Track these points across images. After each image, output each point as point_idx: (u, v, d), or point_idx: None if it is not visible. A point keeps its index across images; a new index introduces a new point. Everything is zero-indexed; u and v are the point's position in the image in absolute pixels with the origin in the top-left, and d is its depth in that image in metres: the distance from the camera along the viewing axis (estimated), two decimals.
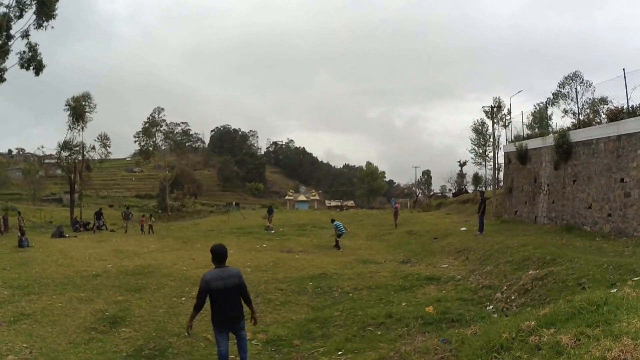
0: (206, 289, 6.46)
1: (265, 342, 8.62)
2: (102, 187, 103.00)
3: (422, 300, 9.42)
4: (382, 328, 7.61)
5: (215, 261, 6.73)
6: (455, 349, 4.45)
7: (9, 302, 12.58)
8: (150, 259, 19.97)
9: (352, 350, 6.49)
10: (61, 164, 48.20)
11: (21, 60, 34.15)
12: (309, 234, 31.16)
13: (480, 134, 60.59)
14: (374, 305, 9.63)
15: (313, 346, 7.70)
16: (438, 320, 7.25)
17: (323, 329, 8.75)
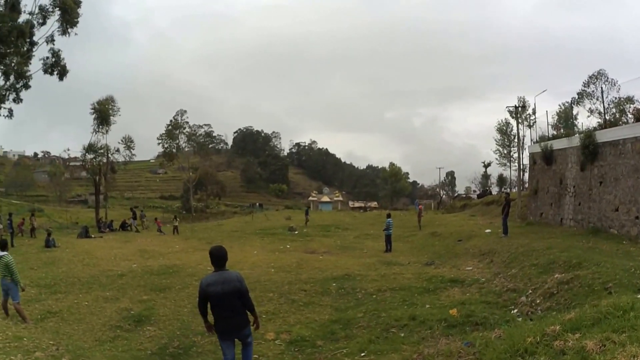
0: (204, 294, 6.24)
1: (289, 343, 8.64)
2: (127, 189, 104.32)
3: (446, 302, 9.35)
4: (406, 330, 7.58)
5: (214, 264, 6.38)
6: (479, 352, 4.43)
7: (36, 301, 12.87)
8: (174, 259, 20.24)
9: (375, 352, 6.47)
10: (86, 166, 48.97)
11: (45, 66, 34.99)
12: (333, 235, 31.17)
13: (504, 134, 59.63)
14: (398, 307, 9.60)
15: (336, 347, 7.71)
16: (462, 323, 7.17)
17: (346, 330, 8.74)
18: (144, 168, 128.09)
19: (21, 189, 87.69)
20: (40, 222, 34.41)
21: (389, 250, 21.39)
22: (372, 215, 53.92)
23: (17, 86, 33.69)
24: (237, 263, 18.02)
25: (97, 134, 46.00)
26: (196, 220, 58.46)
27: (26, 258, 20.23)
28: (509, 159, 58.80)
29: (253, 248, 24.25)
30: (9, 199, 67.26)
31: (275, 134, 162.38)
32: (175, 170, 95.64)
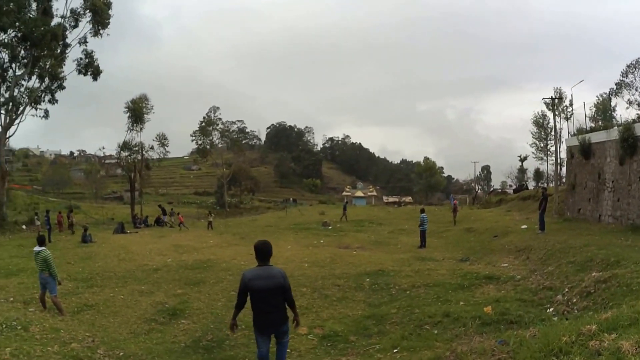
0: (245, 288, 6.17)
1: (322, 337, 8.67)
2: (162, 185, 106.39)
3: (481, 299, 9.23)
4: (439, 327, 7.54)
5: (259, 259, 6.33)
6: (512, 350, 4.39)
7: (73, 294, 13.24)
8: (209, 254, 20.54)
9: (407, 349, 6.44)
10: (121, 163, 50.30)
11: (79, 67, 36.02)
12: (367, 230, 31.10)
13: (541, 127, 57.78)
14: (431, 303, 9.53)
15: (368, 343, 7.69)
16: (496, 321, 7.06)
17: (379, 326, 8.73)
18: (178, 165, 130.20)
19: (58, 186, 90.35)
20: (77, 218, 35.43)
21: (423, 246, 21.23)
22: (406, 210, 53.65)
23: (52, 87, 34.74)
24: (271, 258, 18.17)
25: (131, 132, 47.10)
26: (230, 216, 59.10)
27: (63, 253, 20.87)
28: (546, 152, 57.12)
29: (287, 243, 24.38)
30: (46, 196, 69.43)
31: (308, 128, 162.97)
32: (209, 166, 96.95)
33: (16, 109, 34.04)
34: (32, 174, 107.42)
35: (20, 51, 33.57)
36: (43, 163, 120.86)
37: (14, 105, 33.78)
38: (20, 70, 34.12)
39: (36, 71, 34.40)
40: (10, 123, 33.86)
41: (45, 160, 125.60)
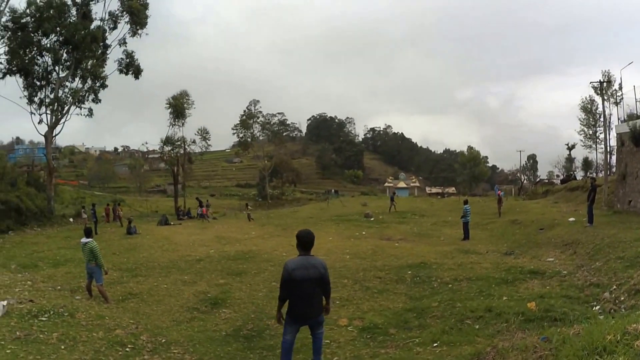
0: (289, 278, 6.16)
1: (361, 329, 8.67)
2: (204, 178, 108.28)
3: (524, 295, 9.01)
4: (481, 322, 7.42)
5: (301, 248, 6.33)
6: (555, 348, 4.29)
7: (118, 283, 13.67)
8: (251, 245, 20.82)
9: (447, 343, 6.37)
10: (164, 157, 51.49)
11: (120, 67, 37.09)
12: (409, 222, 30.86)
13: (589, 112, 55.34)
14: (474, 297, 9.39)
15: (408, 336, 7.65)
16: (540, 317, 6.85)
17: (420, 319, 8.66)
18: (220, 158, 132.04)
19: (103, 181, 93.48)
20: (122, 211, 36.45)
21: (467, 238, 20.95)
22: (449, 202, 52.91)
23: (95, 87, 35.90)
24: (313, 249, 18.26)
25: (173, 127, 48.24)
26: (272, 208, 59.70)
27: (109, 244, 21.56)
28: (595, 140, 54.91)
29: (328, 234, 24.45)
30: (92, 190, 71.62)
31: (349, 119, 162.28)
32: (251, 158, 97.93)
33: (61, 108, 35.35)
34: (78, 170, 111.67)
35: (62, 54, 34.87)
36: (88, 159, 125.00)
37: (59, 105, 35.07)
38: (64, 72, 35.41)
39: (79, 72, 35.65)
40: (56, 122, 35.20)
41: (91, 157, 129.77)
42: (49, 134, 35.13)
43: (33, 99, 34.78)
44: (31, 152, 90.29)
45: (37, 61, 34.46)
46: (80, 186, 78.89)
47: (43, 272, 15.42)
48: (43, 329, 8.43)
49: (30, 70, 33.74)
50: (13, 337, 7.83)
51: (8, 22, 31.89)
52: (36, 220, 29.10)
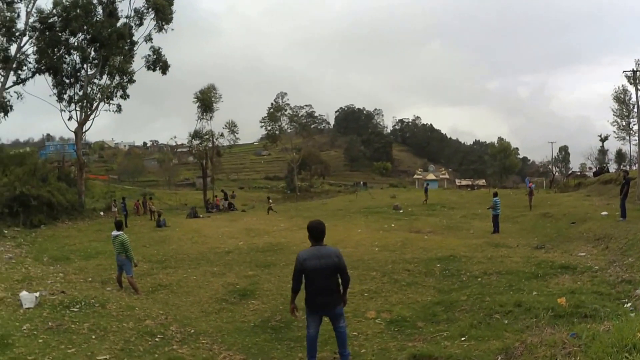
0: (301, 268, 6.21)
1: (389, 322, 8.67)
2: (232, 171, 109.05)
3: (555, 290, 8.88)
4: (510, 317, 7.34)
5: (312, 239, 6.35)
6: (584, 344, 4.27)
7: (148, 275, 13.95)
8: (279, 237, 20.96)
9: (475, 337, 6.32)
10: (193, 151, 52.19)
11: (147, 63, 37.84)
12: (438, 214, 30.65)
13: (622, 103, 53.71)
14: (503, 292, 9.30)
15: (436, 329, 7.63)
16: (570, 313, 6.72)
17: (448, 313, 8.62)
18: (248, 150, 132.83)
19: (133, 175, 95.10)
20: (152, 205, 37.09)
21: (497, 232, 20.72)
22: (479, 194, 52.36)
23: (123, 83, 36.57)
24: (341, 241, 18.30)
25: (201, 120, 48.77)
26: (300, 200, 59.93)
27: (139, 237, 21.96)
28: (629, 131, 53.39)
29: (357, 227, 24.48)
30: (122, 185, 72.96)
31: (377, 111, 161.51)
32: (279, 151, 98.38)
33: (90, 105, 36.09)
34: (108, 165, 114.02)
35: (90, 52, 35.50)
36: (118, 154, 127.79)
37: (88, 102, 35.81)
38: (92, 70, 36.13)
39: (106, 69, 36.35)
40: (85, 119, 35.96)
41: (120, 152, 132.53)
42: (79, 130, 35.95)
43: (62, 96, 35.60)
44: (62, 148, 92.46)
45: (65, 60, 35.19)
46: (110, 180, 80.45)
47: (75, 265, 15.84)
48: (74, 320, 8.65)
49: (59, 69, 34.44)
50: (45, 327, 8.06)
51: (35, 23, 32.59)
52: (67, 214, 29.74)
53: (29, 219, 25.65)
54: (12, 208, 25.20)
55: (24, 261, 16.09)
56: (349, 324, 8.56)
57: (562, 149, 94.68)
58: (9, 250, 18.24)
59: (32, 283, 11.63)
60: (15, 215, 25.21)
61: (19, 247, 19.59)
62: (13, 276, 12.45)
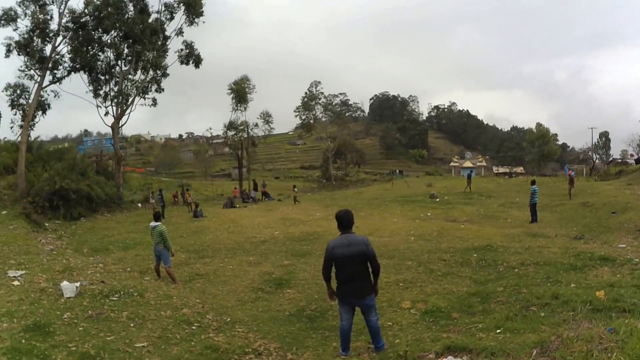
0: (330, 256, 6.39)
1: (424, 312, 8.68)
2: (268, 161, 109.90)
3: (593, 283, 8.69)
4: (546, 309, 7.22)
5: (341, 227, 6.53)
6: (621, 340, 4.22)
7: (185, 264, 14.30)
8: (315, 227, 21.02)
9: (511, 330, 6.30)
10: (228, 142, 52.87)
11: (180, 57, 38.47)
12: (475, 203, 30.17)
13: None
14: (540, 283, 9.15)
15: (472, 321, 7.58)
16: (608, 307, 6.52)
17: (484, 304, 8.56)
18: (283, 140, 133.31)
19: (169, 167, 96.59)
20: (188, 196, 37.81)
21: (535, 221, 20.36)
22: (517, 182, 51.27)
23: (157, 77, 37.33)
24: (377, 230, 18.33)
25: (236, 111, 49.26)
26: (336, 189, 59.95)
27: (176, 227, 22.39)
28: None
29: (393, 215, 24.36)
30: (158, 177, 74.59)
31: (412, 97, 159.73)
32: (314, 140, 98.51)
33: (126, 100, 37.15)
34: (145, 157, 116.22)
35: (123, 49, 36.44)
36: (154, 147, 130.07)
37: (123, 97, 36.85)
38: (126, 66, 37.05)
39: (140, 65, 37.21)
40: (121, 113, 36.96)
41: (156, 144, 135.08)
42: (115, 124, 36.93)
43: (98, 92, 36.78)
44: (99, 142, 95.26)
45: (99, 57, 36.32)
46: (147, 173, 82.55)
47: (113, 255, 16.35)
48: (113, 308, 8.95)
49: (93, 66, 35.51)
50: (85, 315, 8.38)
51: (68, 23, 33.65)
52: (106, 206, 30.69)
53: (69, 212, 26.58)
54: (53, 202, 26.15)
55: (65, 252, 16.68)
56: (384, 313, 8.64)
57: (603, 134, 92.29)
58: (50, 242, 18.89)
59: (73, 273, 12.01)
60: (55, 209, 26.14)
61: (60, 239, 20.33)
62: (54, 267, 12.87)
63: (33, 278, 11.19)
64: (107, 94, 36.83)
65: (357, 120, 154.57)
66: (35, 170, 30.97)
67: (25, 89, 32.43)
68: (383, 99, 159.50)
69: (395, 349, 6.63)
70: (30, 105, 31.87)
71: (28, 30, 31.83)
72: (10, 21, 31.27)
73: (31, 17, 31.73)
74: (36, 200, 25.76)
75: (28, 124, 31.77)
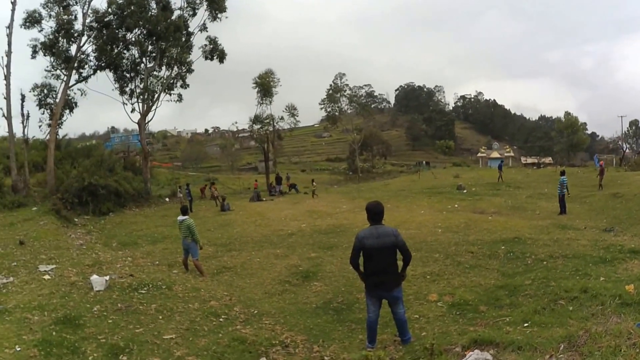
0: (359, 246, 6.41)
1: (451, 305, 8.69)
2: (294, 154, 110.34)
3: (623, 276, 8.52)
4: (575, 303, 7.14)
5: (371, 219, 6.58)
6: None
7: (213, 258, 14.56)
8: (342, 219, 21.11)
9: (538, 324, 6.27)
10: (254, 136, 53.04)
11: (204, 53, 38.92)
12: (503, 194, 29.79)
13: None
14: (569, 277, 9.02)
15: (499, 314, 7.56)
16: (638, 302, 6.38)
17: (511, 297, 8.51)
18: (309, 133, 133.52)
19: (196, 162, 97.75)
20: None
21: (564, 212, 20.08)
22: (546, 172, 50.56)
23: (182, 73, 37.77)
24: (404, 223, 18.30)
25: (261, 105, 49.44)
26: (363, 181, 59.82)
27: (204, 221, 22.72)
28: None
29: (420, 207, 24.29)
30: (185, 171, 75.46)
31: (438, 87, 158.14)
32: (340, 132, 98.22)
33: (151, 96, 37.66)
34: (172, 153, 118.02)
35: (147, 46, 36.83)
36: (181, 142, 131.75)
37: (149, 93, 37.41)
38: (151, 63, 37.55)
39: (165, 61, 37.65)
40: (147, 110, 37.50)
41: (183, 139, 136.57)
42: (142, 121, 37.51)
43: (124, 90, 37.36)
44: (126, 139, 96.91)
45: (124, 55, 36.78)
46: (174, 167, 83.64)
47: (142, 249, 16.72)
48: (142, 301, 9.21)
49: (118, 64, 36.03)
50: (115, 308, 8.63)
51: (92, 23, 34.26)
52: (134, 201, 31.26)
53: (97, 207, 27.18)
54: (82, 198, 26.76)
55: (94, 247, 17.16)
56: (411, 306, 8.69)
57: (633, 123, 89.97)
58: (79, 237, 19.37)
59: (102, 267, 12.34)
60: (84, 205, 26.76)
61: (89, 234, 20.80)
62: (84, 261, 13.24)
63: (63, 272, 11.55)
64: (133, 91, 37.43)
65: (382, 111, 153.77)
66: (64, 168, 31.81)
67: (52, 88, 33.25)
68: (408, 90, 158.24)
69: (421, 341, 6.65)
70: (57, 104, 32.54)
71: (53, 31, 32.48)
72: (35, 23, 31.94)
73: (55, 19, 32.38)
74: (65, 197, 26.36)
75: (56, 122, 32.46)
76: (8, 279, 10.84)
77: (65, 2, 32.81)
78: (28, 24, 31.80)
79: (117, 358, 6.79)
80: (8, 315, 7.96)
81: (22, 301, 8.83)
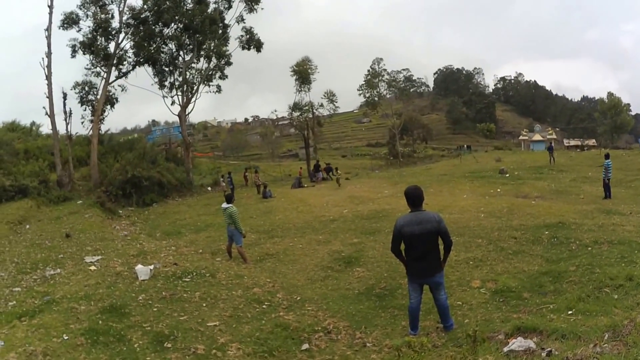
0: (398, 235, 6.41)
1: (494, 292, 8.65)
2: (334, 140, 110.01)
3: None
4: (620, 291, 6.94)
5: (411, 205, 6.50)
6: None
7: (255, 245, 14.80)
8: (384, 204, 21.05)
9: (583, 312, 6.19)
10: (293, 123, 53.49)
11: (241, 43, 39.33)
12: (546, 178, 29.27)
13: None
14: (614, 263, 8.77)
15: (542, 301, 7.47)
16: None
17: (555, 284, 8.38)
18: (348, 119, 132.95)
19: (236, 151, 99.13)
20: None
21: (608, 197, 19.61)
22: (590, 155, 49.09)
23: (220, 65, 38.19)
24: (446, 207, 18.18)
25: (300, 92, 49.58)
26: (404, 166, 59.43)
27: (246, 209, 22.93)
28: None
29: (462, 192, 24.09)
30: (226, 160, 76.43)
31: (477, 70, 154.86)
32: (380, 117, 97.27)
33: (191, 89, 38.35)
34: (213, 143, 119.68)
35: (185, 40, 37.36)
36: (221, 132, 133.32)
37: (188, 86, 38.08)
38: (188, 56, 38.06)
39: (202, 54, 38.23)
40: (187, 102, 38.12)
41: (223, 129, 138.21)
42: (182, 113, 38.13)
43: (164, 83, 38.08)
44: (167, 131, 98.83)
45: (162, 50, 37.45)
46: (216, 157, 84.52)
47: (185, 238, 17.12)
48: (186, 289, 9.53)
49: (157, 59, 36.75)
50: (159, 297, 8.98)
51: (129, 20, 35.00)
52: (177, 191, 31.97)
53: (141, 198, 27.98)
54: (125, 190, 27.65)
55: (139, 237, 17.64)
56: (453, 292, 8.73)
57: None
58: (124, 228, 19.99)
59: (147, 257, 12.80)
60: (128, 196, 27.64)
61: (133, 225, 21.41)
62: (129, 251, 13.74)
63: (109, 263, 12.04)
64: (172, 84, 38.12)
65: (422, 95, 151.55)
66: (107, 161, 32.96)
67: (93, 85, 34.21)
68: (447, 73, 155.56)
69: (464, 328, 6.71)
70: (98, 101, 33.53)
71: (91, 30, 33.39)
72: (73, 24, 32.87)
73: (93, 18, 33.30)
74: (109, 189, 27.33)
75: (98, 118, 33.51)
76: (55, 271, 11.39)
77: (101, 1, 33.75)
78: (66, 25, 32.73)
79: (162, 345, 7.07)
80: (56, 306, 8.37)
81: (69, 292, 9.26)
